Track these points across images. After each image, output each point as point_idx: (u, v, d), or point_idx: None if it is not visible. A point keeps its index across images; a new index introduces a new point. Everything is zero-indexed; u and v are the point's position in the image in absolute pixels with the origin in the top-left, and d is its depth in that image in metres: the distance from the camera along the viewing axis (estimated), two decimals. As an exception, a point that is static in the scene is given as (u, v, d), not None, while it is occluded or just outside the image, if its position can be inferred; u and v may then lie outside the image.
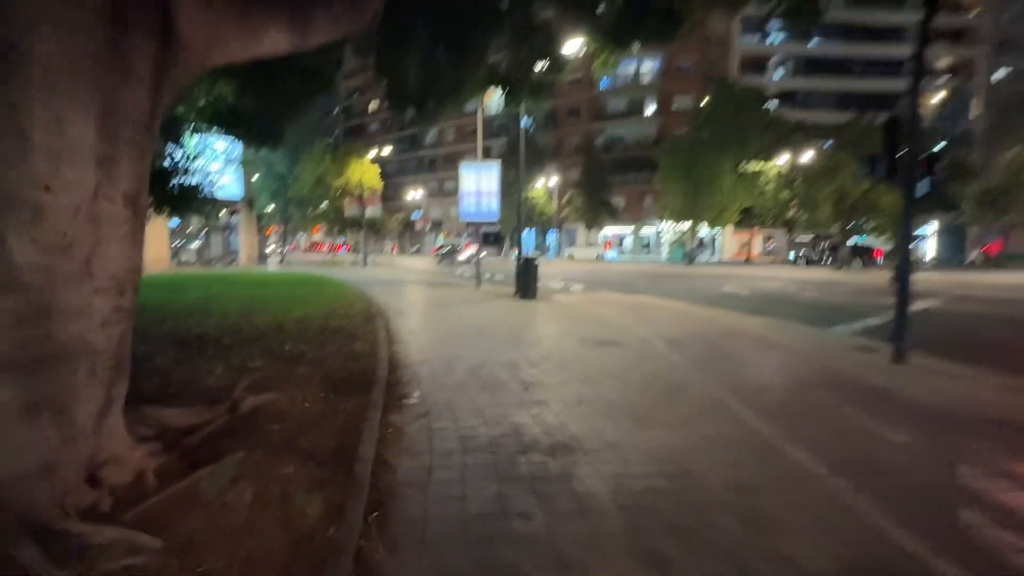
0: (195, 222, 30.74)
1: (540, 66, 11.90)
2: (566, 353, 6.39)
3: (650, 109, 45.22)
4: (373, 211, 29.18)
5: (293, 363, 5.21)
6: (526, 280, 12.64)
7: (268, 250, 42.07)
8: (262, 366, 5.00)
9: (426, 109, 12.44)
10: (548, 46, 11.44)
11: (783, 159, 31.17)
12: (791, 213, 32.48)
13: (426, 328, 8.26)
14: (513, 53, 11.47)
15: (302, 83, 10.19)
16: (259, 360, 5.17)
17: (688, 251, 33.99)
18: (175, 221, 32.06)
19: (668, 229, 44.91)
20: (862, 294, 15.37)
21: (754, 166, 28.95)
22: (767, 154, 29.24)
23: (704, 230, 42.31)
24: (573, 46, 11.60)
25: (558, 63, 11.95)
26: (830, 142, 33.01)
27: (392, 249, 61.08)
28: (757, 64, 45.16)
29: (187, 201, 8.21)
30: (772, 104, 36.82)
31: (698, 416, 4.15)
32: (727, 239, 43.01)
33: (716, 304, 12.47)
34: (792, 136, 30.93)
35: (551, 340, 7.25)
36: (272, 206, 36.06)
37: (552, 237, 50.42)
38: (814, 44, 46.57)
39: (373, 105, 69.07)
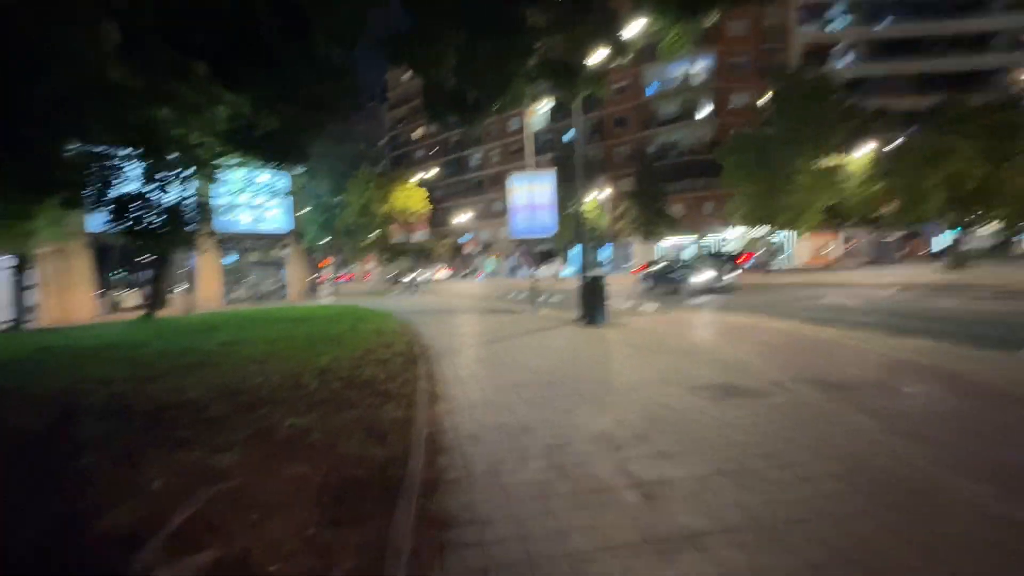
0: (248, 257, 30.82)
1: (597, 51, 10.16)
2: (681, 413, 4.43)
3: (704, 111, 42.55)
4: (420, 236, 28.11)
5: (287, 454, 3.54)
6: (592, 303, 10.71)
7: (320, 283, 42.20)
8: (237, 462, 3.35)
9: (467, 111, 10.95)
10: (608, 25, 9.71)
11: (865, 150, 27.84)
12: (881, 209, 28.90)
13: (479, 373, 6.49)
14: (568, 36, 9.79)
15: (319, 86, 8.92)
16: (237, 452, 3.52)
17: (760, 258, 30.85)
18: (231, 258, 32.37)
19: (733, 236, 41.70)
20: (1007, 298, 12.46)
21: (832, 160, 25.84)
22: (846, 146, 26.06)
23: (776, 234, 38.93)
24: (636, 25, 9.86)
25: (620, 45, 10.17)
26: (914, 128, 29.42)
27: (436, 272, 60.42)
28: (820, 52, 41.69)
29: (157, 234, 6.81)
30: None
31: None
32: (799, 243, 39.26)
33: (830, 321, 10.09)
34: (874, 124, 27.61)
35: (649, 389, 5.29)
36: (325, 238, 36.02)
37: (606, 252, 48.09)
38: (885, 25, 42.72)
39: (418, 132, 69.68)
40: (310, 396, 5.02)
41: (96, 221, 22.33)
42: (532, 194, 13.78)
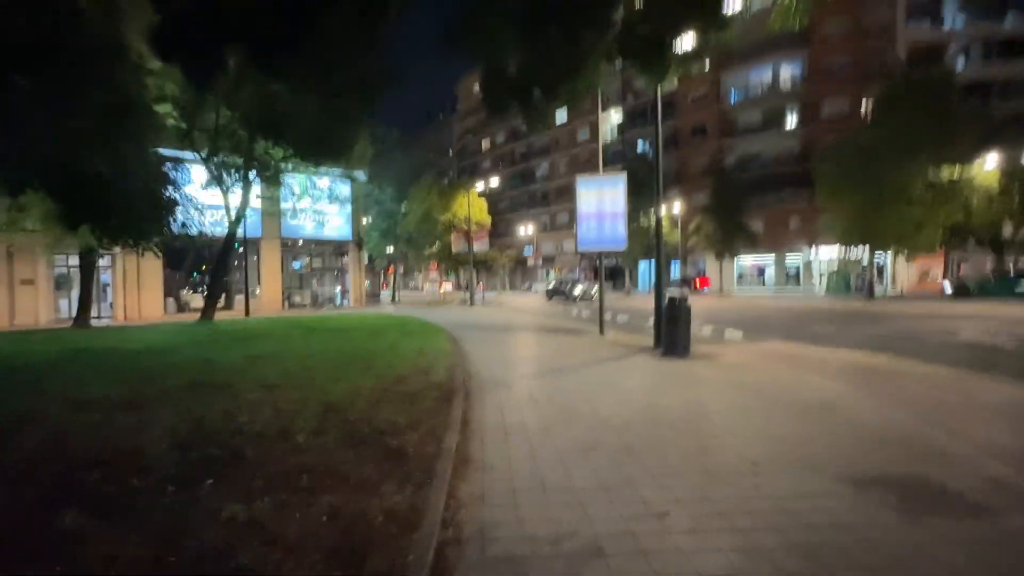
0: (311, 263, 31.03)
1: (691, 25, 8.44)
2: (854, 541, 2.65)
3: (791, 120, 39.07)
4: (481, 246, 27.07)
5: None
6: (674, 330, 8.87)
7: (383, 290, 42.29)
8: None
9: (532, 101, 9.52)
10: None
11: (992, 161, 23.96)
12: (1009, 229, 24.75)
13: (531, 423, 4.93)
14: (655, 10, 8.16)
15: (355, 66, 7.79)
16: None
17: (861, 282, 27.28)
18: (296, 263, 32.82)
19: (822, 256, 37.74)
20: None
21: (954, 171, 22.23)
22: (970, 156, 22.39)
23: (877, 256, 34.97)
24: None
25: (717, 17, 8.40)
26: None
27: (479, 287, 59.15)
28: (931, 53, 37.13)
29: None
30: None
31: None
32: (900, 266, 34.79)
33: (991, 364, 7.68)
34: (1006, 131, 23.72)
35: (780, 476, 3.53)
36: (388, 247, 35.85)
37: (676, 269, 45.17)
38: (1008, 23, 37.53)
39: (486, 143, 69.67)
40: (288, 457, 3.64)
41: (173, 222, 23.06)
42: (601, 201, 12.13)
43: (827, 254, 37.88)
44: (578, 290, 30.65)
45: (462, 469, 3.60)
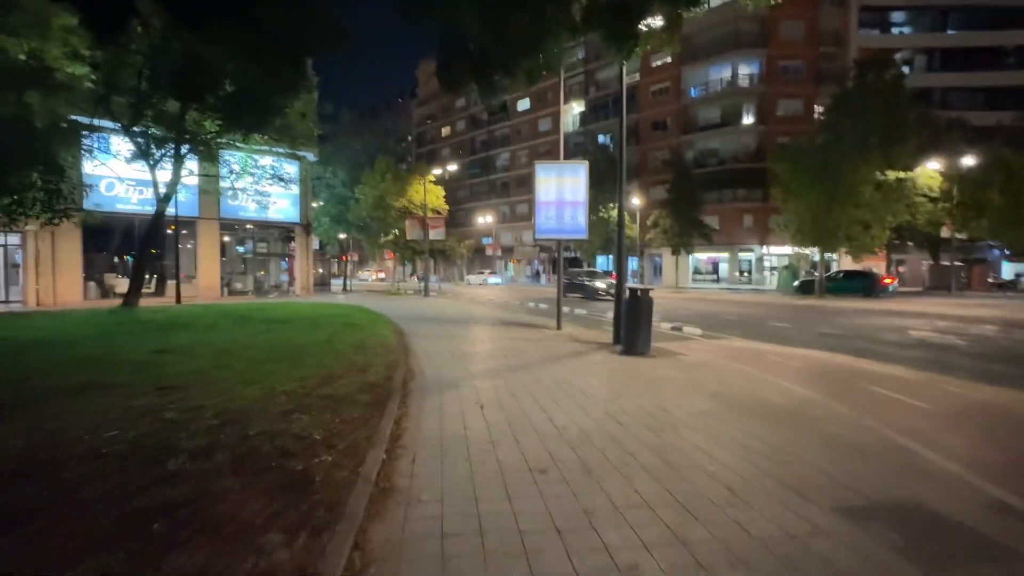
0: (256, 248, 29.20)
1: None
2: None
3: (749, 118, 39.74)
4: (437, 234, 26.09)
5: None
6: (635, 325, 8.37)
7: (334, 278, 40.54)
8: None
9: (490, 78, 8.77)
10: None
11: (934, 164, 24.89)
12: (947, 230, 25.83)
13: (478, 435, 4.24)
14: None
15: (291, 31, 6.83)
16: None
17: (807, 278, 27.97)
18: (244, 247, 30.84)
19: (772, 252, 38.74)
20: None
21: (895, 174, 22.87)
22: (916, 159, 23.13)
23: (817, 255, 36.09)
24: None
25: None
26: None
27: (411, 276, 57.87)
28: (880, 60, 38.49)
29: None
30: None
31: None
32: (845, 265, 36.12)
33: (953, 365, 7.55)
34: (948, 136, 24.65)
35: (765, 502, 2.99)
36: (341, 234, 34.16)
37: (633, 264, 45.47)
38: (951, 34, 39.38)
39: (446, 131, 68.13)
40: (143, 493, 2.81)
41: (93, 199, 20.98)
42: (561, 188, 11.52)
43: (778, 251, 38.95)
44: (601, 284, 24.18)
45: (381, 503, 2.86)
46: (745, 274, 40.62)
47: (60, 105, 12.80)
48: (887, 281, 25.78)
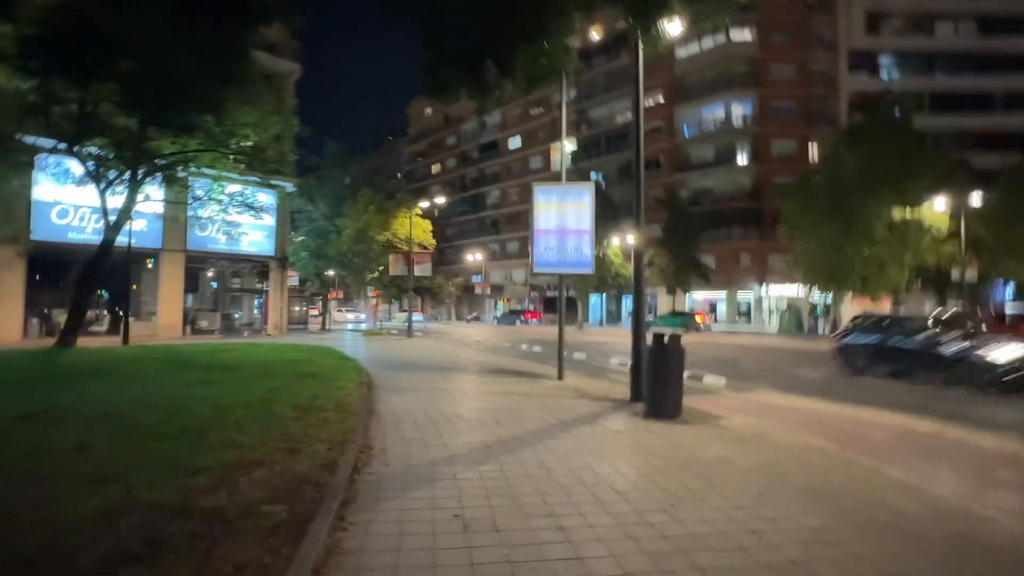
0: (227, 283, 27.19)
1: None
2: None
3: (743, 157, 39.25)
4: (423, 270, 24.38)
5: None
6: (662, 380, 6.59)
7: (313, 315, 38.36)
8: None
9: (483, 76, 7.28)
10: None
11: (940, 203, 23.95)
12: (954, 269, 24.68)
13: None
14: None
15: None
16: None
17: (813, 320, 26.54)
18: (214, 283, 28.80)
19: (772, 293, 37.49)
20: None
21: (904, 212, 21.80)
22: (925, 197, 22.14)
23: (816, 295, 34.89)
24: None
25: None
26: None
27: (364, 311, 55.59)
28: (871, 102, 38.60)
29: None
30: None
31: None
32: (845, 306, 34.90)
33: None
34: (956, 175, 23.82)
35: None
36: (328, 270, 32.14)
37: (627, 303, 44.01)
38: (939, 78, 39.72)
39: (436, 168, 67.58)
40: None
41: (44, 228, 19.06)
42: (563, 215, 9.95)
43: (777, 291, 37.73)
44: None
45: None
46: (744, 315, 39.21)
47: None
48: (699, 320, 33.62)
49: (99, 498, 3.10)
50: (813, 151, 36.51)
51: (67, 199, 18.81)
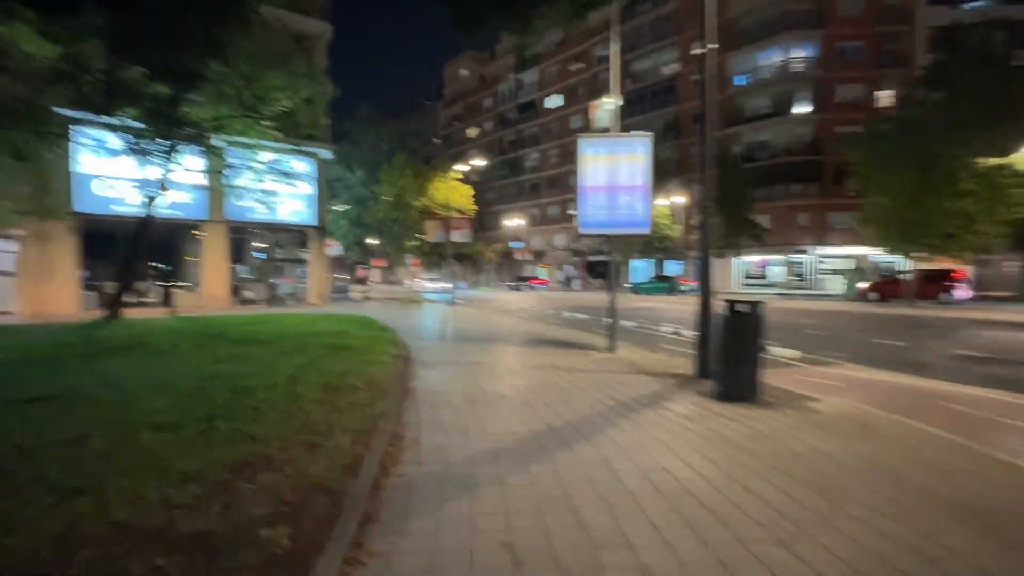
0: (270, 253, 27.38)
1: None
2: None
3: (803, 106, 36.09)
4: (461, 236, 23.68)
5: None
6: (736, 357, 5.65)
7: (359, 282, 38.63)
8: None
9: (520, 9, 6.25)
10: None
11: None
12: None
13: None
14: None
15: None
16: None
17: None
18: (259, 253, 29.12)
19: (831, 254, 34.96)
20: None
21: (994, 160, 19.22)
22: (1010, 144, 19.36)
23: (886, 256, 32.29)
24: None
25: None
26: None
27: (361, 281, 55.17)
28: (955, 36, 34.43)
29: None
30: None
31: None
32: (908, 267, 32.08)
33: None
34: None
35: None
36: (368, 238, 31.91)
37: (675, 268, 42.22)
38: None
39: (473, 132, 66.13)
40: None
41: (87, 200, 19.36)
42: (615, 169, 8.90)
43: (836, 252, 35.16)
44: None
45: None
46: (800, 278, 36.86)
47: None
48: (683, 282, 35.21)
49: (64, 515, 2.52)
50: (884, 96, 33.12)
51: (108, 172, 18.92)
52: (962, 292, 22.27)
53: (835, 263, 34.81)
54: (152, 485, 2.91)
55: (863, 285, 25.97)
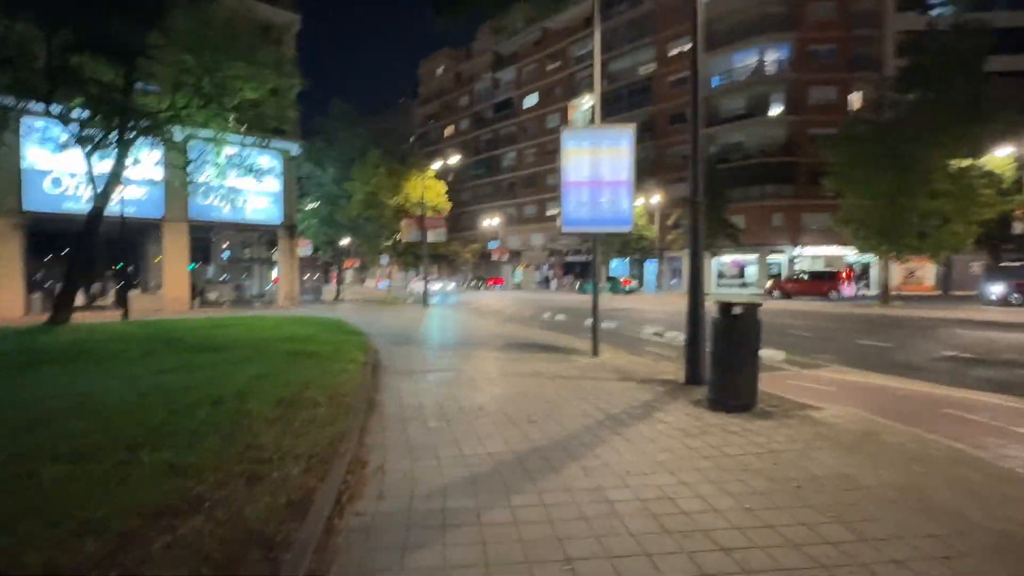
0: (236, 253, 26.29)
1: None
2: None
3: (777, 108, 36.47)
4: (436, 236, 23.03)
5: None
6: (731, 362, 5.24)
7: (331, 284, 37.53)
8: None
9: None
10: None
11: (1005, 151, 21.56)
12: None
13: None
14: None
15: None
16: None
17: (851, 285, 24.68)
18: (224, 254, 27.95)
19: (807, 254, 35.41)
20: None
21: (966, 161, 19.45)
22: (991, 143, 19.68)
23: (857, 256, 32.82)
24: None
25: None
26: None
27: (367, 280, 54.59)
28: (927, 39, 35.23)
29: None
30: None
31: None
32: (881, 268, 32.72)
33: None
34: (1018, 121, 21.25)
35: None
36: (343, 239, 30.76)
37: (651, 267, 42.27)
38: (999, 14, 36.01)
39: (449, 130, 65.33)
40: None
41: (37, 198, 18.09)
42: (598, 164, 8.46)
43: (812, 252, 35.63)
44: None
45: None
46: (774, 278, 37.24)
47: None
48: (625, 283, 37.22)
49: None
50: (856, 99, 33.71)
51: (60, 167, 17.75)
52: (848, 290, 26.71)
53: (807, 263, 35.25)
54: (38, 541, 2.30)
55: (768, 284, 30.41)
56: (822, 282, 27.19)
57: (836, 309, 20.28)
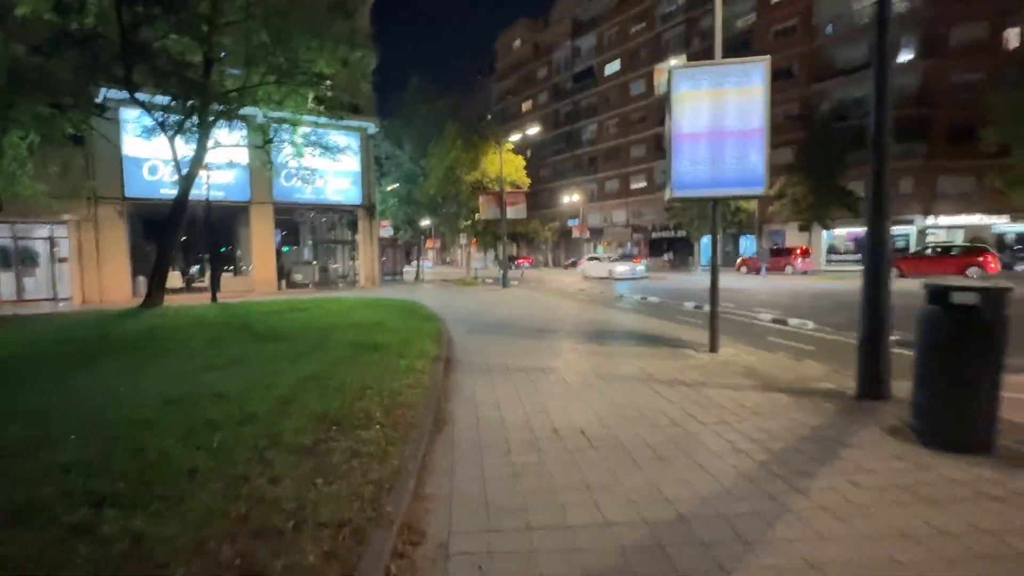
0: (318, 235, 26.63)
1: None
2: None
3: (908, 53, 31.16)
4: (516, 212, 21.78)
5: None
6: (959, 380, 3.46)
7: (412, 264, 37.72)
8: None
9: None
10: None
11: None
12: None
13: None
14: None
15: None
16: None
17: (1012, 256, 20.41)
18: (308, 235, 28.50)
19: (941, 225, 30.37)
20: None
21: None
22: None
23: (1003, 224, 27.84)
24: None
25: None
26: None
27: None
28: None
29: None
30: None
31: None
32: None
33: None
34: None
35: None
36: (423, 219, 30.51)
37: (748, 244, 38.53)
38: None
39: (527, 105, 63.53)
40: None
41: (138, 185, 18.92)
42: (721, 108, 6.66)
43: (948, 222, 30.54)
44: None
45: None
46: (899, 252, 32.39)
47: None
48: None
49: None
50: (1014, 35, 27.96)
51: (156, 155, 18.37)
52: (804, 265, 28.40)
53: (942, 234, 30.25)
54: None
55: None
56: (779, 258, 27.16)
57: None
